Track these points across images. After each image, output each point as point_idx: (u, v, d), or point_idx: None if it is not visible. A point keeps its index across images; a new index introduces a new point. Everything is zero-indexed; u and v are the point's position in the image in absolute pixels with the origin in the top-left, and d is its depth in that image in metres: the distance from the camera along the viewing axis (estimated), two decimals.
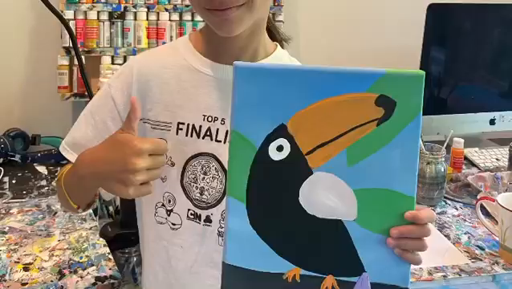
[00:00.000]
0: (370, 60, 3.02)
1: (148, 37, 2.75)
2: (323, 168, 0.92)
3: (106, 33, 2.70)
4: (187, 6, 2.75)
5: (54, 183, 2.26)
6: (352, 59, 3.07)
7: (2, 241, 1.79)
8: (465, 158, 2.52)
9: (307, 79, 0.90)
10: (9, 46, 2.71)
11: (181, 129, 1.26)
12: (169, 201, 1.30)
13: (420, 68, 2.45)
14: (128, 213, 1.63)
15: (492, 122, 2.72)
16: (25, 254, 1.71)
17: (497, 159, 2.56)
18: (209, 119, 1.26)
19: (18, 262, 1.66)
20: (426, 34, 2.52)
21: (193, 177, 1.27)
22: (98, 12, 2.68)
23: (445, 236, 1.88)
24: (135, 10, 2.71)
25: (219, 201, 1.27)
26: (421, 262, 0.98)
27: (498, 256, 1.77)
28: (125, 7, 2.70)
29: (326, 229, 0.94)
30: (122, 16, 2.72)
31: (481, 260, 1.75)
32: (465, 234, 1.91)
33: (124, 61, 2.69)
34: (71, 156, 1.31)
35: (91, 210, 1.92)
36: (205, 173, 1.27)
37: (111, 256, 1.72)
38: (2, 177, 2.36)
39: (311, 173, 0.92)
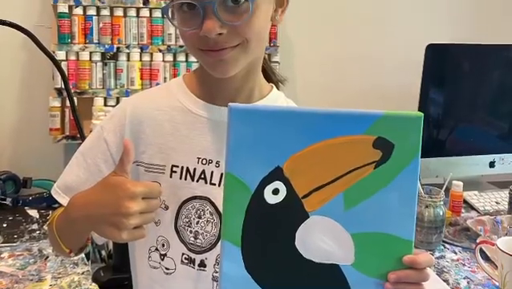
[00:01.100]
0: (368, 101, 3.04)
1: (142, 78, 2.76)
2: (320, 211, 0.92)
3: (98, 74, 2.72)
4: (181, 46, 2.77)
5: (45, 227, 2.25)
6: (350, 100, 3.08)
7: None
8: (465, 201, 2.52)
9: (304, 121, 0.90)
10: None
11: (175, 172, 1.27)
12: (163, 246, 1.29)
13: (419, 109, 2.47)
14: (121, 257, 1.63)
15: (492, 165, 2.73)
16: None
17: (496, 202, 2.56)
18: (204, 161, 1.26)
19: None
20: (425, 74, 2.53)
21: (187, 220, 1.27)
22: (90, 53, 2.70)
23: (444, 281, 1.88)
24: (128, 51, 2.73)
25: (214, 246, 1.27)
26: None
27: None
28: (118, 48, 2.72)
29: (322, 274, 0.94)
30: (115, 57, 2.74)
31: None
32: (464, 278, 1.90)
33: (117, 103, 2.70)
34: (63, 200, 1.31)
35: (83, 254, 1.91)
36: (199, 217, 1.27)
37: None
38: None
39: (308, 217, 0.92)
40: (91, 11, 2.69)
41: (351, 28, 3.19)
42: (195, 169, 1.26)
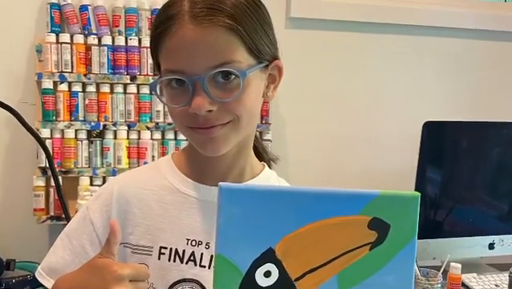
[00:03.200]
0: (363, 180, 3.05)
1: (129, 156, 2.77)
2: None
3: (84, 152, 2.72)
4: (170, 124, 2.78)
5: None
6: (344, 179, 3.09)
7: None
8: (463, 284, 2.50)
9: (296, 201, 0.90)
10: None
11: (163, 254, 1.26)
12: None
13: (416, 189, 2.47)
14: None
15: (491, 246, 2.72)
16: None
17: (496, 285, 2.55)
18: (193, 243, 1.26)
19: None
20: (422, 153, 2.54)
21: None
22: (76, 130, 2.71)
23: None
24: (115, 129, 2.74)
25: None
26: None
27: None
28: (104, 125, 2.73)
29: None
30: (101, 135, 2.75)
31: None
32: None
33: (104, 182, 2.70)
34: (48, 283, 1.29)
35: None
36: None
37: None
38: None
39: None
40: (77, 87, 2.71)
41: (345, 106, 3.22)
42: (184, 251, 1.25)
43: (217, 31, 1.13)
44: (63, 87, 2.69)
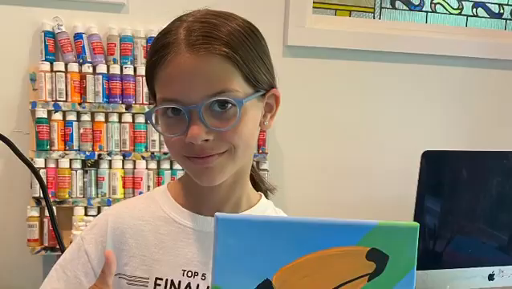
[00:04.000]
0: (361, 211, 3.05)
1: (124, 186, 2.76)
2: None
3: (79, 182, 2.72)
4: (165, 153, 2.78)
5: None
6: (342, 209, 3.09)
7: None
8: None
9: (294, 232, 0.90)
10: None
11: (159, 285, 1.25)
12: None
13: (414, 220, 2.47)
14: None
15: (491, 277, 2.71)
16: None
17: None
18: (189, 274, 1.25)
19: None
20: (420, 183, 2.54)
21: None
22: (70, 160, 2.70)
23: None
24: (109, 158, 2.74)
25: None
26: None
27: None
28: (99, 155, 2.73)
29: None
30: (96, 164, 2.74)
31: None
32: None
33: (98, 212, 2.69)
34: None
35: None
36: None
37: None
38: None
39: None
40: (71, 116, 2.71)
41: (343, 135, 3.22)
42: (180, 282, 1.25)
43: (213, 60, 1.13)
44: (58, 116, 2.68)
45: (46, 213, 2.55)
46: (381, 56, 3.20)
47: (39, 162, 2.64)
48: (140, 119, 2.78)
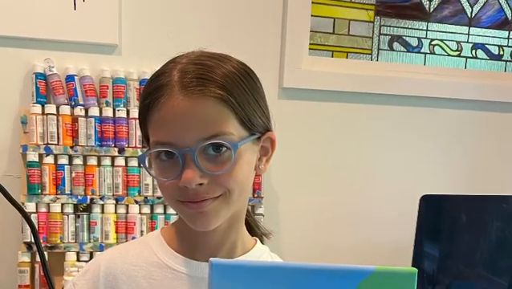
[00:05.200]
0: (358, 256, 3.04)
1: (117, 231, 2.75)
2: None
3: (71, 227, 2.71)
4: (159, 197, 2.78)
5: None
6: (339, 254, 3.09)
7: None
8: None
9: (289, 278, 0.90)
10: None
11: None
12: None
13: (413, 265, 2.46)
14: None
15: None
16: None
17: None
18: None
19: None
20: (419, 227, 2.54)
21: None
22: (62, 204, 2.69)
23: None
24: (102, 202, 2.73)
25: None
26: None
27: None
28: (91, 199, 2.72)
29: None
30: (88, 209, 2.73)
31: None
32: None
33: (91, 258, 2.68)
34: None
35: None
36: None
37: None
38: None
39: None
40: (63, 160, 2.71)
41: (340, 178, 3.22)
42: None
43: (207, 102, 1.13)
44: (49, 159, 2.68)
45: (38, 258, 2.53)
46: (379, 98, 3.21)
47: (30, 206, 2.63)
48: (133, 162, 2.78)
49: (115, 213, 2.75)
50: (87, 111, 2.73)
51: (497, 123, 3.44)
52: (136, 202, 2.77)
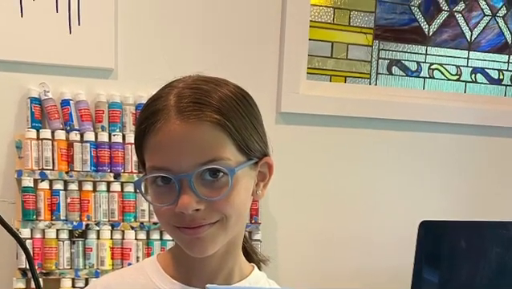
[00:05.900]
0: (356, 281, 3.04)
1: (113, 257, 2.74)
2: None
3: (66, 253, 2.70)
4: (155, 223, 2.77)
5: None
6: (337, 280, 3.08)
7: None
8: None
9: None
10: None
11: None
12: None
13: None
14: None
15: None
16: None
17: None
18: None
19: None
20: (418, 253, 2.54)
21: None
22: (57, 230, 2.68)
23: None
24: (98, 228, 2.72)
25: None
26: None
27: None
28: (87, 225, 2.71)
29: None
30: (83, 235, 2.72)
31: None
32: None
33: (86, 284, 2.67)
34: None
35: None
36: None
37: None
38: None
39: None
40: (58, 186, 2.70)
41: (338, 204, 3.22)
42: None
43: (204, 127, 1.13)
44: (44, 185, 2.67)
45: (33, 284, 2.52)
46: (377, 123, 3.22)
47: (25, 232, 2.62)
48: (129, 188, 2.77)
49: (111, 239, 2.75)
50: (82, 136, 2.73)
51: (497, 148, 3.45)
52: (132, 228, 2.77)
